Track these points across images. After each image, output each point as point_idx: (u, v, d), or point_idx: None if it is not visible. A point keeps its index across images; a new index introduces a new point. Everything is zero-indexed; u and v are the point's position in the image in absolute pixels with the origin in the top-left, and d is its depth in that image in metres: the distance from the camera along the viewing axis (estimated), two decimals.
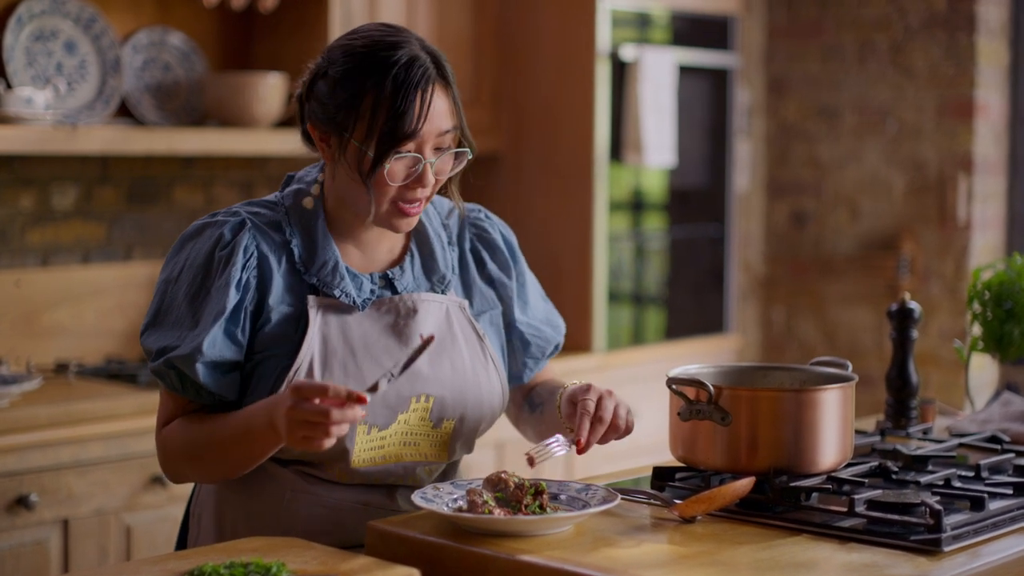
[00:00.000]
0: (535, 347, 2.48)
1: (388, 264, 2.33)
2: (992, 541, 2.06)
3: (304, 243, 2.26)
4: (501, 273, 2.44)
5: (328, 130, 2.21)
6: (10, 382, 3.37)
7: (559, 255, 4.65)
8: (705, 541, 2.05)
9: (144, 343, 2.23)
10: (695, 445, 2.26)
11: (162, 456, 2.27)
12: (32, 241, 3.87)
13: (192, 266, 2.22)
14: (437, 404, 2.28)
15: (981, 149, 5.12)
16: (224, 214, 2.26)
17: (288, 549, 2.00)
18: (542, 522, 2.04)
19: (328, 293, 2.24)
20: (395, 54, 2.18)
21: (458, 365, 2.31)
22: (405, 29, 2.25)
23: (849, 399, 2.27)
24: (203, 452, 2.20)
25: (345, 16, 4.12)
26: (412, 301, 2.30)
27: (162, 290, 2.24)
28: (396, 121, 2.16)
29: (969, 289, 3.10)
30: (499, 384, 2.36)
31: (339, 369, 2.21)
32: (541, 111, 4.66)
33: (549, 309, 2.54)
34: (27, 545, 3.22)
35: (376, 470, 2.26)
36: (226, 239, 2.22)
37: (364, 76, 2.17)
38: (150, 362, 2.22)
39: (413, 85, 2.16)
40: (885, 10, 5.28)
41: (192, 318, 2.20)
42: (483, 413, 2.34)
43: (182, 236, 2.28)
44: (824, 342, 5.46)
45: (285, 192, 2.32)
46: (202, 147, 3.90)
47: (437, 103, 2.20)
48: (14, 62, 3.72)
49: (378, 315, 2.27)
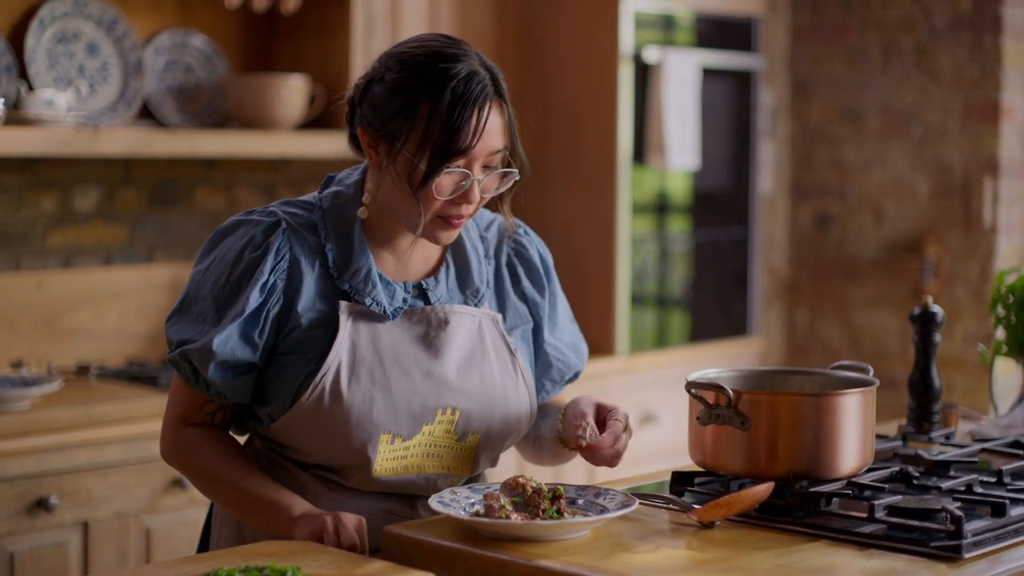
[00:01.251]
0: (556, 371, 2.44)
1: (423, 274, 2.31)
2: (1013, 548, 2.04)
3: (339, 248, 2.23)
4: (535, 291, 2.41)
5: (379, 137, 2.18)
6: (30, 384, 3.37)
7: (582, 257, 4.63)
8: (723, 547, 2.03)
9: (167, 331, 2.24)
10: (714, 450, 2.25)
11: (169, 452, 2.30)
12: (54, 243, 3.87)
13: (221, 262, 2.21)
14: (463, 417, 2.25)
15: (1007, 152, 5.09)
16: (260, 213, 2.25)
17: (304, 553, 1.99)
18: (559, 527, 2.02)
19: (359, 300, 2.22)
20: (455, 67, 2.15)
21: (487, 379, 2.28)
22: (464, 42, 2.22)
23: (870, 404, 2.25)
24: (214, 486, 2.26)
25: (367, 18, 4.12)
26: (444, 312, 2.27)
27: (193, 281, 2.24)
28: (451, 136, 2.13)
29: (993, 293, 3.07)
30: (527, 400, 2.33)
31: (366, 377, 2.19)
32: (564, 113, 4.65)
33: (575, 333, 2.50)
34: (47, 547, 3.22)
35: (397, 480, 2.24)
36: (258, 239, 2.20)
37: (421, 86, 2.15)
38: (170, 351, 2.23)
39: (471, 101, 2.14)
40: (910, 11, 5.25)
41: (215, 314, 2.19)
42: (509, 429, 2.31)
43: (218, 230, 2.27)
44: (848, 346, 5.43)
45: (324, 194, 2.29)
46: (224, 149, 3.90)
47: (492, 121, 2.18)
48: (36, 64, 3.72)
49: (409, 325, 2.25)
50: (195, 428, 2.27)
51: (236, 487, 2.22)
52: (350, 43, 4.08)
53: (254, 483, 2.21)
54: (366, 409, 2.17)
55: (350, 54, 4.07)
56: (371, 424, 2.18)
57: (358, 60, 4.08)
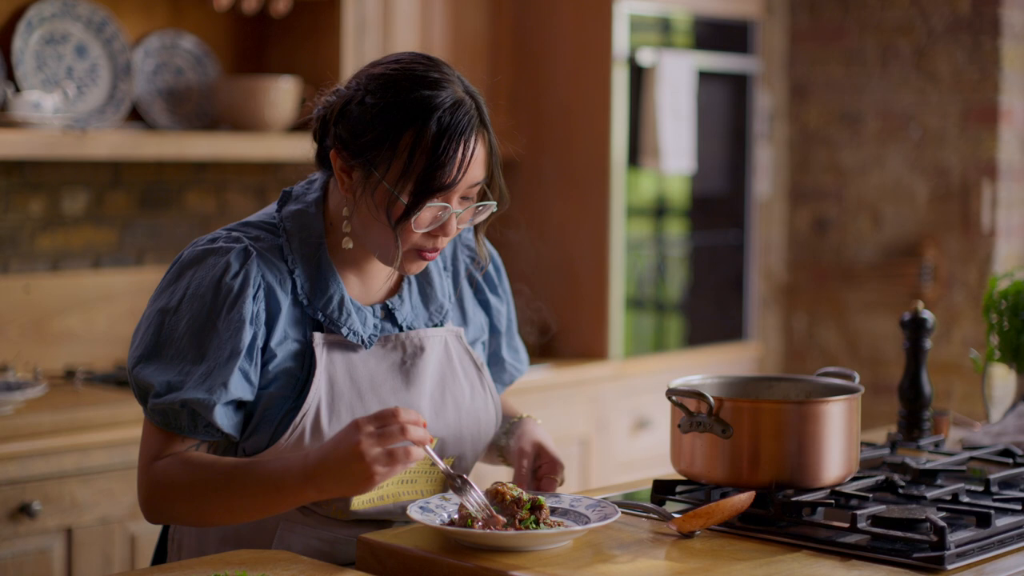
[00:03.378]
0: (508, 375, 2.45)
1: (386, 293, 2.25)
2: (998, 559, 2.01)
3: (307, 273, 2.15)
4: (495, 298, 2.39)
5: (355, 163, 2.10)
6: (14, 389, 3.34)
7: (576, 261, 4.60)
8: (702, 557, 2.00)
9: (141, 376, 2.07)
10: (696, 458, 2.22)
11: (150, 493, 2.10)
12: (42, 246, 3.84)
13: (195, 296, 2.08)
14: (438, 444, 2.22)
15: (1006, 155, 5.05)
16: (225, 240, 2.13)
17: (275, 563, 1.96)
18: (534, 537, 1.99)
19: (335, 331, 2.15)
20: (439, 95, 2.07)
21: (460, 402, 2.25)
22: (445, 64, 2.14)
23: (855, 411, 2.22)
24: (210, 494, 2.05)
25: (358, 20, 4.09)
26: (419, 339, 2.22)
27: (158, 321, 2.09)
28: (435, 170, 2.05)
29: (985, 298, 3.04)
30: (494, 414, 2.32)
31: (346, 412, 2.13)
32: (558, 116, 4.62)
33: (518, 336, 2.49)
34: (30, 554, 3.19)
35: (374, 510, 2.19)
36: (235, 268, 2.09)
37: (405, 114, 2.06)
38: (150, 398, 2.06)
39: (457, 133, 2.06)
40: (908, 13, 5.22)
41: (196, 352, 2.06)
42: (480, 446, 2.30)
43: (180, 263, 2.13)
44: (846, 350, 5.39)
45: (284, 212, 2.19)
46: (214, 152, 3.87)
47: (477, 153, 2.10)
48: (24, 66, 3.69)
49: (384, 352, 2.20)
50: (165, 459, 2.10)
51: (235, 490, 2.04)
52: (341, 45, 4.06)
53: (247, 473, 2.04)
54: None
55: (341, 56, 4.05)
56: None
57: (349, 62, 4.05)
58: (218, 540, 2.20)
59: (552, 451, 2.31)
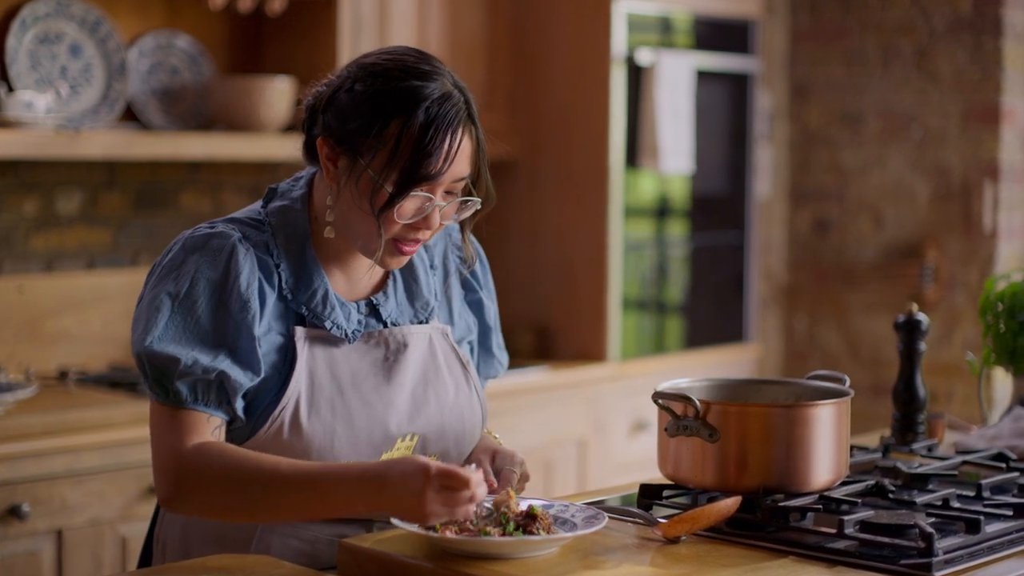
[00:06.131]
0: (493, 370, 2.45)
1: (371, 289, 2.24)
2: (987, 566, 1.98)
3: (291, 268, 2.15)
4: (485, 296, 2.39)
5: (341, 150, 2.09)
6: (5, 390, 3.32)
7: (574, 262, 4.58)
8: (688, 563, 1.98)
9: (162, 350, 2.02)
10: (682, 462, 2.20)
11: (180, 479, 2.02)
12: (36, 247, 3.83)
13: (207, 280, 2.07)
14: (421, 441, 2.21)
15: (1007, 156, 5.03)
16: (224, 226, 2.13)
17: (257, 567, 1.95)
18: (518, 544, 1.96)
19: (319, 325, 2.14)
20: (428, 86, 2.07)
21: (443, 399, 2.23)
22: (436, 58, 2.14)
23: (844, 415, 2.19)
24: (249, 489, 1.99)
25: (354, 20, 4.07)
26: (403, 335, 2.21)
27: (168, 303, 2.06)
28: (421, 160, 2.05)
29: (981, 300, 3.01)
30: (480, 412, 2.30)
31: (327, 409, 2.12)
32: (556, 116, 4.59)
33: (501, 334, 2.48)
34: (19, 556, 3.17)
35: None
36: (240, 253, 2.09)
37: (393, 102, 2.06)
38: (177, 369, 2.01)
39: (444, 124, 2.05)
40: (909, 13, 5.19)
41: (216, 333, 2.05)
42: (465, 444, 2.28)
43: (184, 247, 2.10)
44: (847, 351, 5.37)
45: (270, 208, 2.19)
46: (209, 152, 3.85)
47: (463, 146, 2.09)
48: (17, 65, 3.68)
49: (366, 348, 2.19)
50: (197, 445, 2.04)
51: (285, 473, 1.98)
52: (337, 45, 4.04)
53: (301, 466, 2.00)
54: (327, 443, 2.10)
55: (337, 56, 4.03)
56: (332, 457, 2.10)
57: (345, 62, 4.01)
58: (201, 539, 2.17)
59: (506, 449, 2.29)
